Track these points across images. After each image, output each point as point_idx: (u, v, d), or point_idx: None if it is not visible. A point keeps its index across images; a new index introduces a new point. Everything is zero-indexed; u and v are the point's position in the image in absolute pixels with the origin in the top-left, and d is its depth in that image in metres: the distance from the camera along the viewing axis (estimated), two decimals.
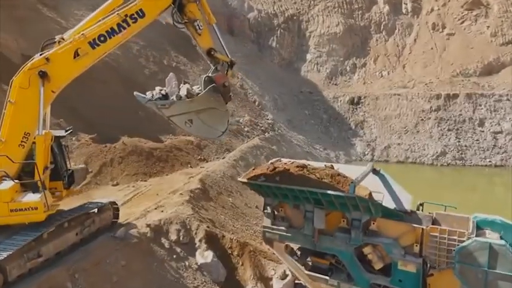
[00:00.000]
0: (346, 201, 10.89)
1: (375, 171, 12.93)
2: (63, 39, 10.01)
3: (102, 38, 9.57)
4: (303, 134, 41.82)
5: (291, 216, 12.78)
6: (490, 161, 41.64)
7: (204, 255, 12.55)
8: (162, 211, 13.72)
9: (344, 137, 45.78)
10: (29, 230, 9.51)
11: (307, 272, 12.23)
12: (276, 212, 12.96)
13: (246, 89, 39.79)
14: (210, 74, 10.68)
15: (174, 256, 12.25)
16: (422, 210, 11.93)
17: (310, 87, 52.31)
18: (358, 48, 57.29)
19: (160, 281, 11.18)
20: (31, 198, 9.44)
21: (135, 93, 11.63)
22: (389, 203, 11.99)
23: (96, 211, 11.82)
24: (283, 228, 12.60)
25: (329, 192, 10.93)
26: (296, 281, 13.05)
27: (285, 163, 13.38)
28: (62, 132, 11.58)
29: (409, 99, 47.27)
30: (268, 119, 36.97)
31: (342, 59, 56.04)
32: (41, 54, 9.72)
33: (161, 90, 11.40)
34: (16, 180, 9.60)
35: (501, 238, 9.63)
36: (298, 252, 12.99)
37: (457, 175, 40.21)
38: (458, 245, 9.99)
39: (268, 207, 12.78)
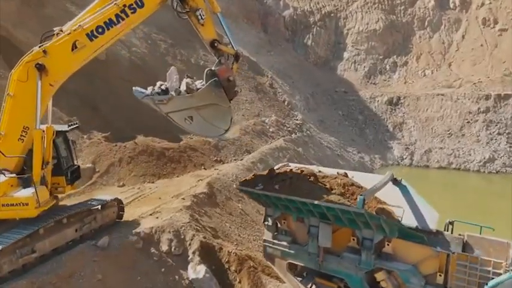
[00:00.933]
0: (354, 217, 9.17)
1: (395, 181, 11.06)
2: (61, 31, 9.60)
3: (100, 30, 9.25)
4: (335, 136, 39.64)
5: (294, 230, 11.22)
6: None
7: (196, 270, 11.27)
8: (157, 217, 12.61)
9: (380, 139, 43.00)
10: (25, 225, 9.32)
11: None
12: (278, 225, 11.47)
13: (275, 88, 38.29)
14: (213, 68, 9.70)
15: (163, 269, 11.07)
16: (451, 231, 9.93)
17: (346, 86, 49.84)
18: (399, 45, 53.99)
19: None
20: (23, 193, 9.24)
21: (134, 88, 10.85)
22: (410, 220, 10.14)
23: (99, 208, 11.45)
24: (285, 243, 11.07)
25: (334, 206, 9.25)
26: None
27: (291, 169, 11.82)
28: (64, 127, 11.27)
29: (454, 100, 43.61)
30: (297, 120, 35.26)
31: (381, 57, 53.04)
32: (40, 47, 9.42)
33: (162, 85, 10.51)
34: (9, 175, 9.37)
35: None
36: (303, 272, 11.38)
37: (507, 184, 36.32)
38: (492, 278, 8.03)
39: (269, 219, 11.29)
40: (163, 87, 10.38)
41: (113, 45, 28.39)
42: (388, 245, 9.47)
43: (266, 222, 11.36)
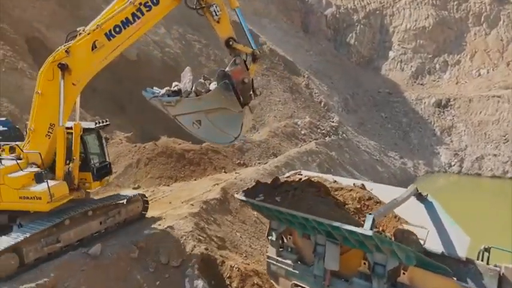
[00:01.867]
0: (362, 239, 7.82)
1: (419, 197, 9.51)
2: (84, 31, 9.60)
3: (117, 29, 9.29)
4: (376, 140, 37.37)
5: (301, 247, 10.02)
6: None
7: (194, 284, 10.38)
8: (160, 225, 11.90)
9: (426, 144, 39.98)
10: (51, 216, 9.73)
11: None
12: (284, 240, 10.31)
13: (311, 88, 36.79)
14: (227, 69, 8.96)
15: (158, 282, 10.28)
16: (487, 260, 8.24)
17: (390, 87, 47.08)
18: (451, 43, 50.19)
19: None
20: (38, 188, 9.46)
21: (144, 89, 10.45)
22: (435, 244, 8.59)
23: (124, 202, 11.80)
24: (289, 262, 9.89)
25: (338, 224, 7.95)
26: None
27: (300, 178, 10.60)
28: (91, 124, 11.36)
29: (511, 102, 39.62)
30: (333, 122, 33.56)
31: (430, 56, 49.60)
32: (63, 47, 9.62)
33: (176, 86, 9.97)
34: (26, 170, 9.71)
35: None
36: None
37: None
38: None
39: (273, 233, 10.17)
40: (176, 88, 9.88)
41: (146, 46, 28.56)
42: (404, 273, 8.01)
43: (270, 237, 10.25)
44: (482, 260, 8.18)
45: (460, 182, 35.90)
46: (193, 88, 9.42)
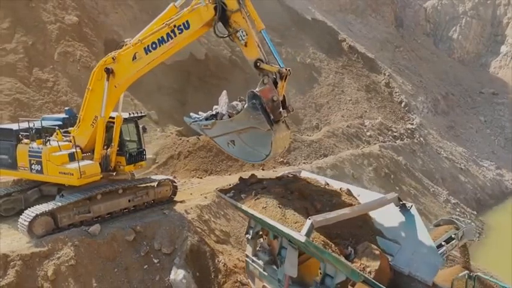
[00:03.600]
0: (301, 245, 7.20)
1: (403, 207, 8.31)
2: (130, 43, 10.91)
3: (154, 45, 10.24)
4: (468, 146, 33.01)
5: (273, 248, 9.55)
6: None
7: (177, 273, 10.71)
8: (165, 213, 12.50)
9: None
10: (86, 190, 11.30)
11: None
12: (261, 239, 9.97)
13: (392, 87, 34.11)
14: (257, 89, 9.24)
15: (146, 266, 10.85)
16: None
17: (497, 87, 41.12)
18: None
19: None
20: (71, 166, 11.02)
21: (187, 115, 11.28)
22: (403, 263, 7.48)
23: (153, 185, 13.01)
24: (261, 263, 9.54)
25: (278, 226, 7.45)
26: None
27: (282, 176, 10.13)
28: (126, 115, 12.69)
29: None
30: (412, 124, 30.70)
31: None
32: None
33: (215, 109, 10.70)
34: (65, 151, 11.32)
35: None
36: None
37: None
38: None
39: (250, 231, 9.92)
40: (215, 111, 10.49)
41: (216, 46, 29.73)
42: None
43: (247, 235, 10.01)
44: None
45: None
46: (227, 111, 9.91)
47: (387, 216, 8.37)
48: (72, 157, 11.19)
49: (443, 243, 9.72)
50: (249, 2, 10.01)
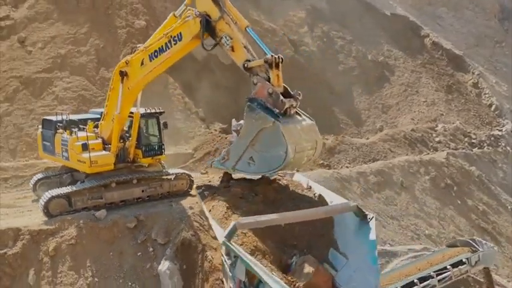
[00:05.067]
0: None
1: (364, 219, 7.33)
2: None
3: (156, 54, 10.86)
4: None
5: None
6: None
7: (164, 263, 11.01)
8: (172, 205, 12.93)
9: None
10: (103, 178, 12.40)
11: None
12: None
13: (481, 88, 29.96)
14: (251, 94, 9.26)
15: (139, 253, 11.40)
16: None
17: None
18: None
19: (99, 271, 10.76)
20: (85, 155, 12.12)
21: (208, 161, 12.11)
22: (343, 280, 6.67)
23: (171, 178, 13.80)
24: (230, 262, 9.22)
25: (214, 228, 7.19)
26: None
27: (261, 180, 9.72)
28: (142, 110, 13.38)
29: None
30: (500, 130, 26.62)
31: None
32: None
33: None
34: (81, 142, 12.40)
35: None
36: None
37: None
38: None
39: None
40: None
41: (280, 46, 29.48)
42: None
43: None
44: None
45: None
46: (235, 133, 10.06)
47: (347, 227, 7.44)
48: (85, 147, 12.21)
49: (448, 266, 8.45)
50: (229, 2, 9.77)
